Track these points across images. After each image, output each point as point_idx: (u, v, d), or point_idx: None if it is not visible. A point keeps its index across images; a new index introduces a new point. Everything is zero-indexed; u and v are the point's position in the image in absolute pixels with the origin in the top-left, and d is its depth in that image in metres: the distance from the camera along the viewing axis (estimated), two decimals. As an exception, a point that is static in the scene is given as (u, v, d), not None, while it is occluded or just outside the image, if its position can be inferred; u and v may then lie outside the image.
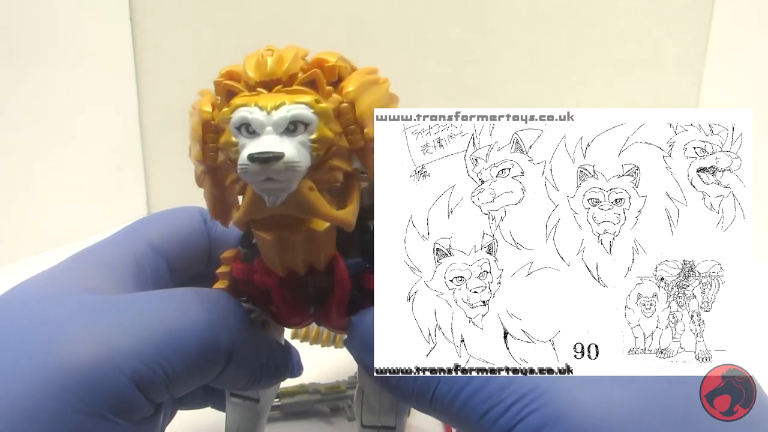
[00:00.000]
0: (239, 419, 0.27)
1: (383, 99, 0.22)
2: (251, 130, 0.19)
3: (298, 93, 0.20)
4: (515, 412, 0.19)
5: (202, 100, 0.22)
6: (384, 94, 0.22)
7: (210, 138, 0.21)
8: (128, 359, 0.20)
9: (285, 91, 0.20)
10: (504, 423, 0.19)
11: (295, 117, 0.19)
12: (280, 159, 0.18)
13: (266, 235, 0.22)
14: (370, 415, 0.25)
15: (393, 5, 0.73)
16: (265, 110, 0.19)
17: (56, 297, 0.22)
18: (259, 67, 0.20)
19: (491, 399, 0.20)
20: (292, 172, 0.19)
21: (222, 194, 0.23)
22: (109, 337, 0.20)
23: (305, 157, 0.19)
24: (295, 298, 0.24)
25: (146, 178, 0.81)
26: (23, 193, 0.66)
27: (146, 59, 0.76)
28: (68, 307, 0.21)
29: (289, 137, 0.19)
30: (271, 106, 0.19)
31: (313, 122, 0.19)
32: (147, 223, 0.28)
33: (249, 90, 0.20)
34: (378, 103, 0.21)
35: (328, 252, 0.23)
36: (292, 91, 0.20)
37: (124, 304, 0.22)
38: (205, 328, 0.22)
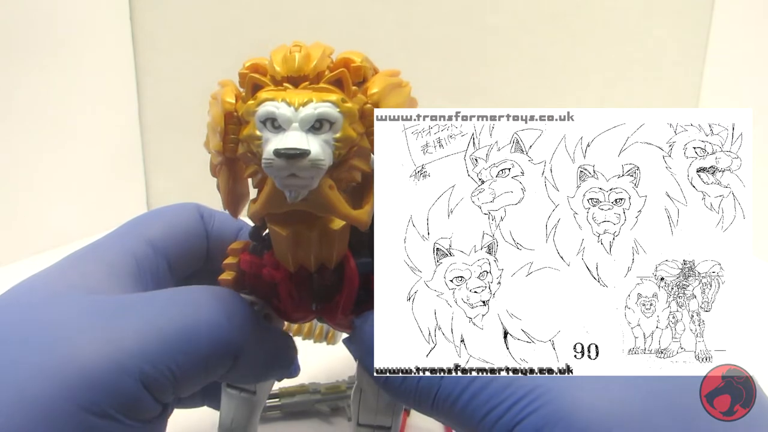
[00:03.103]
0: (234, 411, 0.27)
1: (405, 102, 0.22)
2: (277, 125, 0.19)
3: (324, 91, 0.20)
4: (516, 412, 0.19)
5: (225, 91, 0.22)
6: (406, 97, 0.22)
7: (231, 129, 0.21)
8: (135, 360, 0.20)
9: (311, 88, 0.20)
10: (505, 423, 0.19)
11: (321, 115, 0.19)
12: (306, 156, 0.18)
13: (282, 230, 0.22)
14: (367, 414, 0.25)
15: (393, 5, 0.73)
16: (293, 106, 0.19)
17: (62, 297, 0.22)
18: (286, 62, 0.20)
19: (492, 400, 0.20)
20: (316, 169, 0.19)
21: (236, 186, 0.23)
22: (117, 337, 0.20)
23: (329, 155, 0.19)
24: (301, 294, 0.24)
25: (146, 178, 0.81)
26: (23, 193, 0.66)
27: (146, 59, 0.76)
28: (75, 307, 0.21)
29: (314, 135, 0.19)
30: (299, 103, 0.19)
31: (339, 121, 0.19)
32: (145, 221, 0.28)
33: (275, 84, 0.20)
34: (401, 105, 0.21)
35: (340, 251, 0.23)
36: (319, 89, 0.20)
37: (130, 304, 0.22)
38: (212, 328, 0.22)
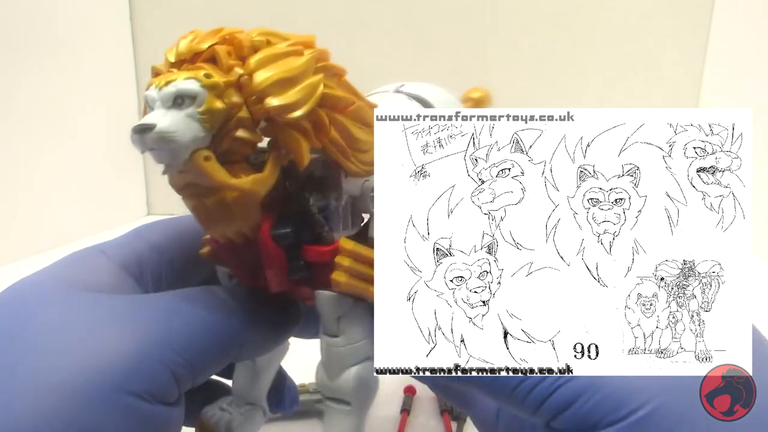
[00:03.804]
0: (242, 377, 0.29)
1: (295, 70, 0.21)
2: (151, 107, 0.21)
3: (196, 69, 0.20)
4: (550, 382, 0.21)
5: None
6: (298, 66, 0.21)
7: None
8: (162, 348, 0.21)
9: (186, 68, 0.21)
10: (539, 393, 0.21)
11: (180, 92, 0.20)
12: (152, 129, 0.19)
13: (187, 203, 0.23)
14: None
15: (393, 5, 0.73)
16: (158, 87, 0.20)
17: (77, 294, 0.23)
18: (173, 49, 0.21)
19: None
20: (166, 141, 0.20)
21: None
22: (143, 329, 0.22)
23: (192, 128, 0.20)
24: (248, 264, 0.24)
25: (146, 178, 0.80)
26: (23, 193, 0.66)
27: (146, 59, 0.76)
28: (97, 303, 0.23)
29: (177, 110, 0.20)
30: (163, 83, 0.20)
31: (201, 95, 0.20)
32: (151, 227, 0.29)
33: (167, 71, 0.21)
34: (286, 74, 0.21)
35: (249, 220, 0.23)
36: (193, 68, 0.21)
37: (147, 302, 0.23)
38: (221, 324, 0.23)
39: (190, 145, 0.20)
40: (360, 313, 0.24)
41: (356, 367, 0.24)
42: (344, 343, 0.24)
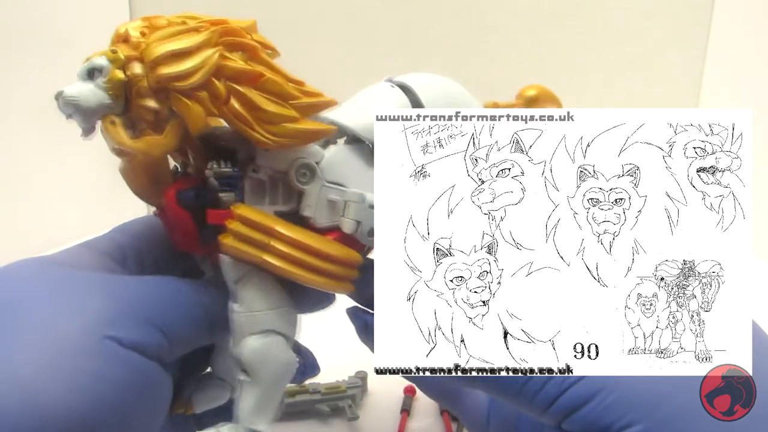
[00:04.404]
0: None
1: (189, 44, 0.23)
2: None
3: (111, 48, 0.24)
4: (559, 381, 0.21)
5: None
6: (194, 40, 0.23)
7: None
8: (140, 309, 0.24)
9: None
10: (549, 392, 0.21)
11: (90, 65, 0.23)
12: (60, 95, 0.23)
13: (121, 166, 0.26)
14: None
15: (393, 5, 0.73)
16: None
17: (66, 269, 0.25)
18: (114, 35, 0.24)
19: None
20: (72, 106, 0.23)
21: None
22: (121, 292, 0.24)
23: (98, 96, 0.23)
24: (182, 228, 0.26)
25: (146, 178, 0.80)
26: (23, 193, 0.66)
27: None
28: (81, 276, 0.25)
29: (88, 81, 0.23)
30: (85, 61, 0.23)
31: (105, 68, 0.23)
32: (133, 222, 0.30)
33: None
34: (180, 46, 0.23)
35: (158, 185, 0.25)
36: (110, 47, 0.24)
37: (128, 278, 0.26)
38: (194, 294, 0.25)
39: (98, 110, 0.23)
40: (262, 282, 0.25)
41: (255, 337, 0.25)
42: (241, 309, 0.25)
